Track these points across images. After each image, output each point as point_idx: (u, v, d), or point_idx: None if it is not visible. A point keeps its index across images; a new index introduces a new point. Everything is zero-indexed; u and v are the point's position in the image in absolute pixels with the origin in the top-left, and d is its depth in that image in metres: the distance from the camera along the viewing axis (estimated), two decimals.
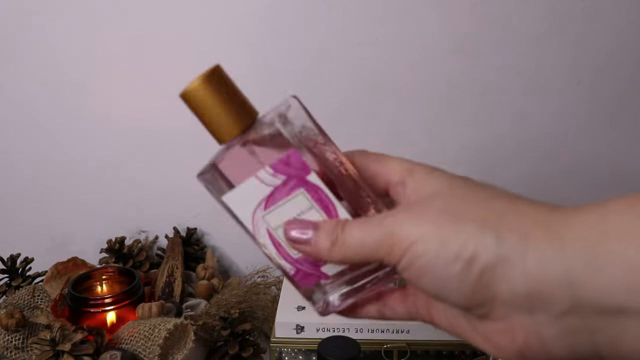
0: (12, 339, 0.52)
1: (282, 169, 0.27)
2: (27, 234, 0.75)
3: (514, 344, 0.23)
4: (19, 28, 0.67)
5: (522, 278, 0.22)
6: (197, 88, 0.27)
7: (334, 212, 0.27)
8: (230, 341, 0.57)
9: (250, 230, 0.29)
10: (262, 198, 0.28)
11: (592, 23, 0.66)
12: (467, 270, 0.22)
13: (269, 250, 0.29)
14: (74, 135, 0.72)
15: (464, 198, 0.24)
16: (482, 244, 0.22)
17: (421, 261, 0.23)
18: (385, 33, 0.67)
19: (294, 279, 0.30)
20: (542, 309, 0.22)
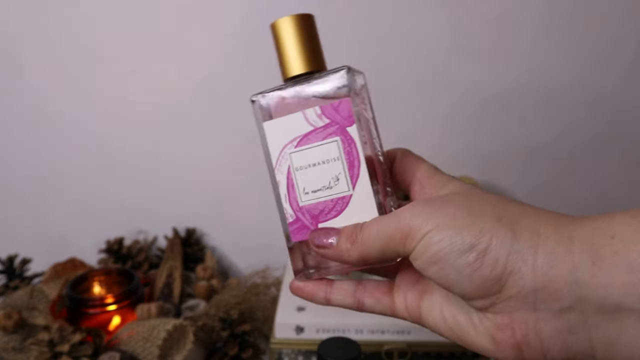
0: (10, 340, 0.52)
1: (330, 113, 0.29)
2: (26, 234, 0.75)
3: (513, 339, 0.24)
4: (19, 27, 0.67)
5: (531, 274, 0.23)
6: (287, 21, 0.30)
7: (357, 171, 0.29)
8: (230, 342, 0.57)
9: (273, 164, 0.30)
10: (298, 135, 0.29)
11: (592, 23, 0.66)
12: (480, 261, 0.24)
13: (280, 190, 0.30)
14: (73, 135, 0.71)
15: (480, 199, 0.26)
16: (499, 238, 0.24)
17: (435, 248, 0.24)
18: (385, 33, 0.67)
19: (289, 227, 0.31)
20: (546, 305, 0.23)
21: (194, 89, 0.70)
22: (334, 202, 0.29)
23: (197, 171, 0.73)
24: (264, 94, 0.30)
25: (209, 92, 0.70)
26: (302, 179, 0.30)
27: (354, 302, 0.31)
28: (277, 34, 0.31)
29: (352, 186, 0.29)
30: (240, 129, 0.70)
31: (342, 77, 0.28)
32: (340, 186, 0.29)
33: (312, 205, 0.30)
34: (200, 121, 0.71)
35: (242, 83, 0.69)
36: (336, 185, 0.29)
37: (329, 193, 0.29)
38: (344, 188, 0.29)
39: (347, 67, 0.29)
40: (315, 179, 0.29)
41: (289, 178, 0.30)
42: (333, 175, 0.29)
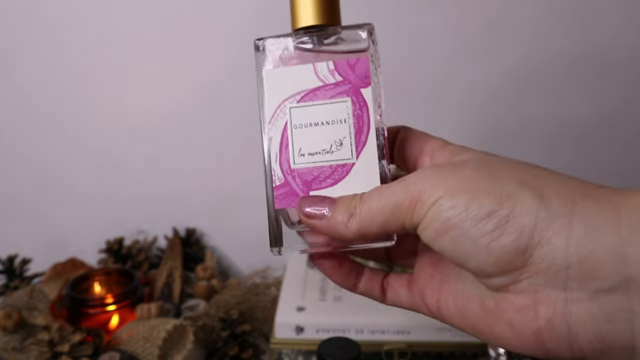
0: (10, 340, 0.51)
1: (344, 70, 0.26)
2: (26, 234, 0.75)
3: (534, 323, 0.21)
4: (20, 27, 0.67)
5: (565, 245, 0.19)
6: None
7: (364, 138, 0.26)
8: (230, 342, 0.57)
9: (267, 117, 0.27)
10: (304, 90, 0.26)
11: (593, 23, 0.66)
12: (501, 229, 0.20)
13: (271, 147, 0.27)
14: (73, 135, 0.71)
15: (501, 162, 0.22)
16: (523, 203, 0.20)
17: (446, 215, 0.21)
18: (385, 32, 0.67)
19: (274, 191, 0.27)
20: (581, 284, 0.19)
21: (194, 89, 0.70)
22: (332, 168, 0.26)
23: (197, 171, 0.73)
24: (271, 39, 0.27)
25: (209, 92, 0.69)
26: (300, 138, 0.26)
27: (380, 294, 0.29)
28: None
29: (357, 154, 0.26)
30: (241, 129, 0.70)
31: (363, 34, 0.26)
32: (343, 152, 0.26)
33: (306, 170, 0.26)
34: (200, 121, 0.71)
35: (242, 83, 0.69)
36: (338, 151, 0.26)
37: (329, 158, 0.26)
38: (346, 155, 0.26)
39: (369, 24, 0.26)
40: (314, 141, 0.26)
41: (284, 135, 0.27)
42: (336, 139, 0.26)
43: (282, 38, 0.27)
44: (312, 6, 0.27)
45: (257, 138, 0.29)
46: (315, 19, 0.27)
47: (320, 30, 0.27)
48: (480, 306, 0.23)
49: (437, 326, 0.57)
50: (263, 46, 0.27)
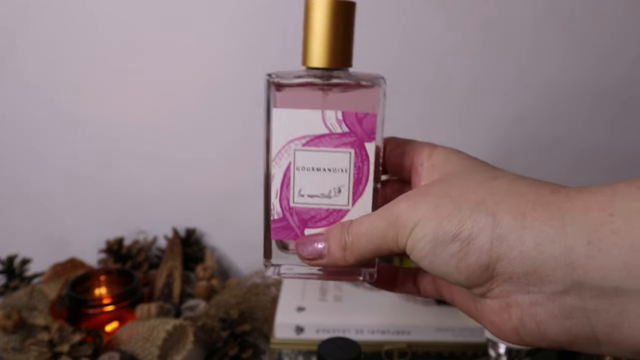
0: (10, 340, 0.51)
1: (352, 122, 0.27)
2: (25, 234, 0.75)
3: (510, 323, 0.24)
4: (17, 28, 0.67)
5: (519, 258, 0.22)
6: (326, 4, 0.27)
7: (362, 189, 0.27)
8: (230, 342, 0.57)
9: (272, 154, 0.28)
10: (310, 134, 0.27)
11: (593, 23, 0.66)
12: (464, 250, 0.23)
13: (272, 183, 0.29)
14: (73, 135, 0.71)
15: (465, 181, 0.25)
16: (479, 224, 0.23)
17: (421, 244, 0.24)
18: (385, 32, 0.67)
19: (272, 224, 0.29)
20: (539, 288, 0.22)
21: (194, 88, 0.69)
22: (328, 212, 0.28)
23: (197, 171, 0.73)
24: (282, 76, 0.27)
25: (210, 92, 0.69)
26: (301, 180, 0.28)
27: (415, 290, 0.31)
28: (311, 14, 0.27)
29: (352, 202, 0.28)
30: (241, 129, 0.70)
31: (377, 88, 0.26)
32: (340, 199, 0.28)
33: (303, 209, 0.28)
34: (200, 121, 0.70)
35: (242, 84, 0.69)
36: (335, 197, 0.28)
37: (326, 202, 0.28)
38: (343, 201, 0.28)
39: (383, 78, 0.26)
40: (314, 184, 0.28)
41: (286, 175, 0.28)
42: (335, 186, 0.28)
43: (294, 77, 0.27)
44: (329, 48, 0.27)
45: (257, 138, 0.29)
46: (329, 62, 0.27)
47: (333, 72, 0.27)
48: (474, 307, 0.26)
49: (437, 326, 0.57)
50: (273, 82, 0.28)
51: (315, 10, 0.27)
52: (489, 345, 0.45)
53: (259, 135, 0.29)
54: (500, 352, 0.44)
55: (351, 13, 0.27)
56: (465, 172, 0.26)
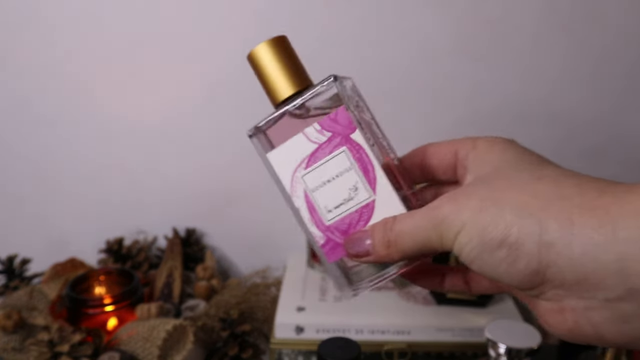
0: (10, 340, 0.51)
1: (329, 125, 0.28)
2: (25, 234, 0.75)
3: (565, 325, 0.23)
4: (20, 26, 0.67)
5: (569, 266, 0.21)
6: (262, 48, 0.30)
7: (373, 175, 0.28)
8: (230, 342, 0.57)
9: (288, 191, 0.30)
10: (305, 156, 0.29)
11: (593, 23, 0.66)
12: (512, 256, 0.22)
13: (302, 215, 0.30)
14: (73, 135, 0.71)
15: (509, 181, 0.25)
16: (525, 230, 0.22)
17: (468, 249, 0.24)
18: (385, 33, 0.67)
19: (322, 249, 0.30)
20: (592, 295, 0.21)
21: (194, 88, 0.70)
22: (359, 212, 0.29)
23: (197, 171, 0.73)
24: (259, 126, 0.30)
25: (209, 92, 0.69)
26: (321, 198, 0.29)
27: (465, 286, 0.31)
28: (257, 62, 0.30)
29: (373, 191, 0.29)
30: (241, 129, 0.70)
31: (330, 86, 0.28)
32: (361, 194, 0.29)
33: (338, 222, 0.29)
34: (200, 121, 0.70)
35: (242, 83, 0.69)
36: (356, 195, 0.29)
37: (352, 204, 0.29)
38: (364, 195, 0.29)
39: (333, 76, 0.28)
40: (334, 195, 0.29)
41: (307, 201, 0.29)
42: (350, 186, 0.29)
43: (269, 121, 0.30)
44: (283, 80, 0.30)
45: None
46: (289, 89, 0.30)
47: (298, 96, 0.29)
48: (531, 303, 0.26)
49: (437, 326, 0.57)
50: (256, 134, 0.30)
51: (257, 57, 0.30)
52: (489, 345, 0.45)
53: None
54: (500, 352, 0.44)
55: (286, 44, 0.30)
56: (509, 170, 0.26)
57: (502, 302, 0.61)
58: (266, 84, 0.30)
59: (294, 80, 0.30)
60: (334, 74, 0.28)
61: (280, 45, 0.30)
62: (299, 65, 0.30)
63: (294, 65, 0.30)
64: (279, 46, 0.30)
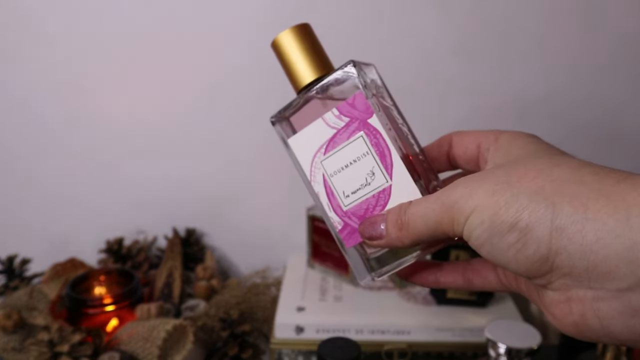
0: (10, 340, 0.51)
1: (347, 110, 0.29)
2: (25, 234, 0.75)
3: (570, 317, 0.23)
4: (19, 26, 0.67)
5: (580, 252, 0.21)
6: (286, 35, 0.30)
7: (389, 160, 0.28)
8: (230, 342, 0.57)
9: (308, 177, 0.30)
10: (324, 141, 0.29)
11: (593, 23, 0.66)
12: (522, 241, 0.22)
13: (321, 200, 0.30)
14: (73, 135, 0.71)
15: (526, 167, 0.24)
16: (537, 214, 0.22)
17: (478, 232, 0.23)
18: (385, 33, 0.67)
19: (340, 235, 0.30)
20: (602, 284, 0.21)
21: (194, 88, 0.70)
22: (375, 197, 0.29)
23: (197, 171, 0.73)
24: (281, 112, 0.30)
25: (210, 92, 0.69)
26: (339, 183, 0.29)
27: (465, 283, 0.31)
28: (280, 49, 0.31)
29: (389, 176, 0.28)
30: (241, 129, 0.70)
31: (350, 71, 0.28)
32: (378, 179, 0.29)
33: (356, 207, 0.29)
34: (200, 121, 0.70)
35: (243, 84, 0.69)
36: (373, 180, 0.29)
37: (369, 190, 0.29)
38: (381, 180, 0.29)
39: (352, 61, 0.28)
40: (351, 180, 0.29)
41: (326, 186, 0.30)
42: (368, 171, 0.29)
43: (291, 107, 0.30)
44: (305, 66, 0.30)
45: (257, 138, 0.30)
46: (310, 75, 0.30)
47: (319, 82, 0.30)
48: (537, 296, 0.25)
49: (437, 326, 0.57)
50: (278, 120, 0.30)
51: (280, 44, 0.30)
52: (489, 345, 0.45)
53: (259, 135, 0.30)
54: (500, 352, 0.44)
55: (309, 31, 0.31)
56: (528, 157, 0.25)
57: (502, 302, 0.61)
58: (289, 71, 0.31)
59: (316, 67, 0.30)
60: (352, 59, 0.28)
61: (304, 33, 0.30)
62: (321, 52, 0.31)
63: (316, 52, 0.30)
64: (302, 33, 0.30)
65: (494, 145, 0.28)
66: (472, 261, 0.31)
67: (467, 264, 0.31)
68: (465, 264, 0.31)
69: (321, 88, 0.29)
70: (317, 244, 0.66)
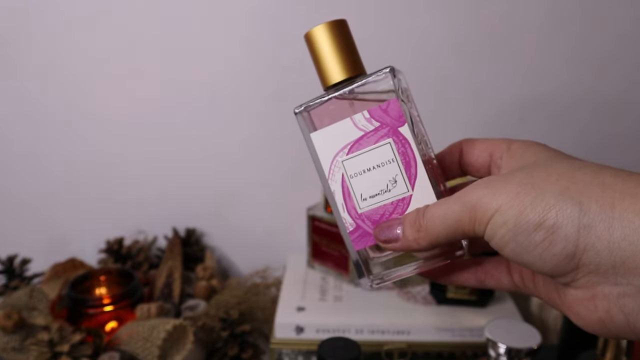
0: (10, 340, 0.51)
1: (379, 115, 0.28)
2: (25, 234, 0.75)
3: (595, 314, 0.23)
4: (19, 27, 0.66)
5: (607, 249, 0.21)
6: (322, 29, 0.30)
7: (414, 170, 0.28)
8: (230, 342, 0.57)
9: (326, 174, 0.30)
10: (349, 142, 0.29)
11: (592, 23, 0.66)
12: (549, 240, 0.22)
13: (336, 199, 0.30)
14: (73, 135, 0.71)
15: (547, 170, 0.24)
16: (564, 213, 0.22)
17: (502, 231, 0.23)
18: (385, 33, 0.67)
19: (350, 236, 0.30)
20: (628, 280, 0.21)
21: (194, 88, 0.70)
22: (394, 204, 0.29)
23: (197, 171, 0.73)
24: (307, 105, 0.30)
25: (210, 91, 0.69)
26: (358, 185, 0.29)
27: (477, 282, 0.31)
28: (313, 43, 0.30)
29: (412, 186, 0.28)
30: (241, 129, 0.70)
31: (387, 77, 0.28)
32: (399, 188, 0.29)
33: (371, 211, 0.29)
34: (200, 121, 0.70)
35: (243, 84, 0.69)
36: (394, 188, 0.29)
37: (388, 196, 0.29)
38: (402, 189, 0.29)
39: (390, 67, 0.28)
40: (371, 184, 0.29)
41: (344, 186, 0.29)
42: (390, 178, 0.29)
43: (317, 102, 0.29)
44: (338, 63, 0.29)
45: (257, 138, 0.30)
46: (342, 74, 0.29)
47: (350, 82, 0.29)
48: (558, 297, 0.25)
49: (437, 326, 0.57)
50: (302, 113, 0.30)
51: (313, 38, 0.30)
52: (489, 345, 0.45)
53: (259, 135, 0.29)
54: (500, 352, 0.44)
55: (345, 28, 0.30)
56: (547, 161, 0.25)
57: (502, 302, 0.61)
58: (319, 66, 0.30)
59: (347, 66, 0.29)
60: (391, 66, 0.28)
61: (339, 29, 0.30)
62: (354, 51, 0.30)
63: (349, 50, 0.30)
64: (337, 30, 0.30)
65: (507, 153, 0.28)
66: (483, 262, 0.31)
67: (477, 264, 0.31)
68: (476, 264, 0.31)
69: (352, 88, 0.29)
70: (317, 244, 0.66)
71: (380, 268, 0.30)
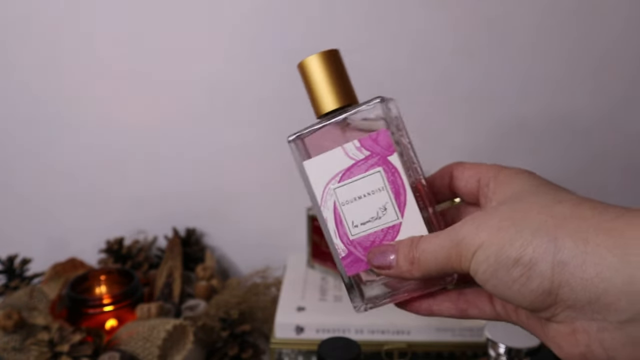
0: (10, 340, 0.51)
1: (369, 144, 0.29)
2: (25, 234, 0.75)
3: (577, 348, 0.23)
4: (19, 27, 0.67)
5: (581, 285, 0.22)
6: (314, 59, 0.31)
7: (404, 198, 0.29)
8: (230, 342, 0.57)
9: (318, 201, 0.31)
10: (340, 170, 0.30)
11: (592, 23, 0.66)
12: (526, 275, 0.23)
13: (328, 226, 0.31)
14: (73, 135, 0.71)
15: (529, 204, 0.25)
16: (540, 249, 0.22)
17: (484, 267, 0.24)
18: (385, 33, 0.67)
19: (342, 262, 0.31)
20: (604, 316, 0.22)
21: (194, 89, 0.70)
22: (384, 232, 0.30)
23: (197, 171, 0.73)
24: (300, 134, 0.30)
25: (210, 92, 0.69)
26: (350, 212, 0.30)
27: (458, 312, 0.31)
28: (306, 72, 0.31)
29: (401, 214, 0.29)
30: (241, 129, 0.70)
31: (376, 107, 0.29)
32: (389, 215, 0.29)
33: (362, 238, 0.30)
34: (200, 121, 0.70)
35: (242, 84, 0.69)
36: (384, 215, 0.29)
37: (378, 223, 0.30)
38: (392, 217, 0.29)
39: (381, 98, 0.29)
40: (362, 211, 0.30)
41: (336, 213, 0.30)
42: (380, 206, 0.29)
43: (310, 130, 0.30)
44: (330, 93, 0.30)
45: (258, 138, 0.30)
46: (334, 103, 0.30)
47: (342, 111, 0.30)
48: (541, 329, 0.26)
49: (437, 326, 0.57)
50: (295, 141, 0.31)
51: (307, 67, 0.31)
52: (489, 345, 0.45)
53: (260, 135, 0.30)
54: (500, 352, 0.44)
55: (337, 58, 0.31)
56: (529, 195, 0.26)
57: None
58: (312, 95, 0.31)
59: (340, 95, 0.30)
60: (380, 96, 0.29)
61: (332, 59, 0.31)
62: (346, 80, 0.31)
63: (341, 79, 0.31)
64: (329, 59, 0.31)
65: (494, 181, 0.29)
66: (465, 292, 0.31)
67: (459, 294, 0.31)
68: (458, 294, 0.31)
69: (344, 118, 0.29)
70: (317, 244, 0.66)
71: (372, 291, 0.31)
